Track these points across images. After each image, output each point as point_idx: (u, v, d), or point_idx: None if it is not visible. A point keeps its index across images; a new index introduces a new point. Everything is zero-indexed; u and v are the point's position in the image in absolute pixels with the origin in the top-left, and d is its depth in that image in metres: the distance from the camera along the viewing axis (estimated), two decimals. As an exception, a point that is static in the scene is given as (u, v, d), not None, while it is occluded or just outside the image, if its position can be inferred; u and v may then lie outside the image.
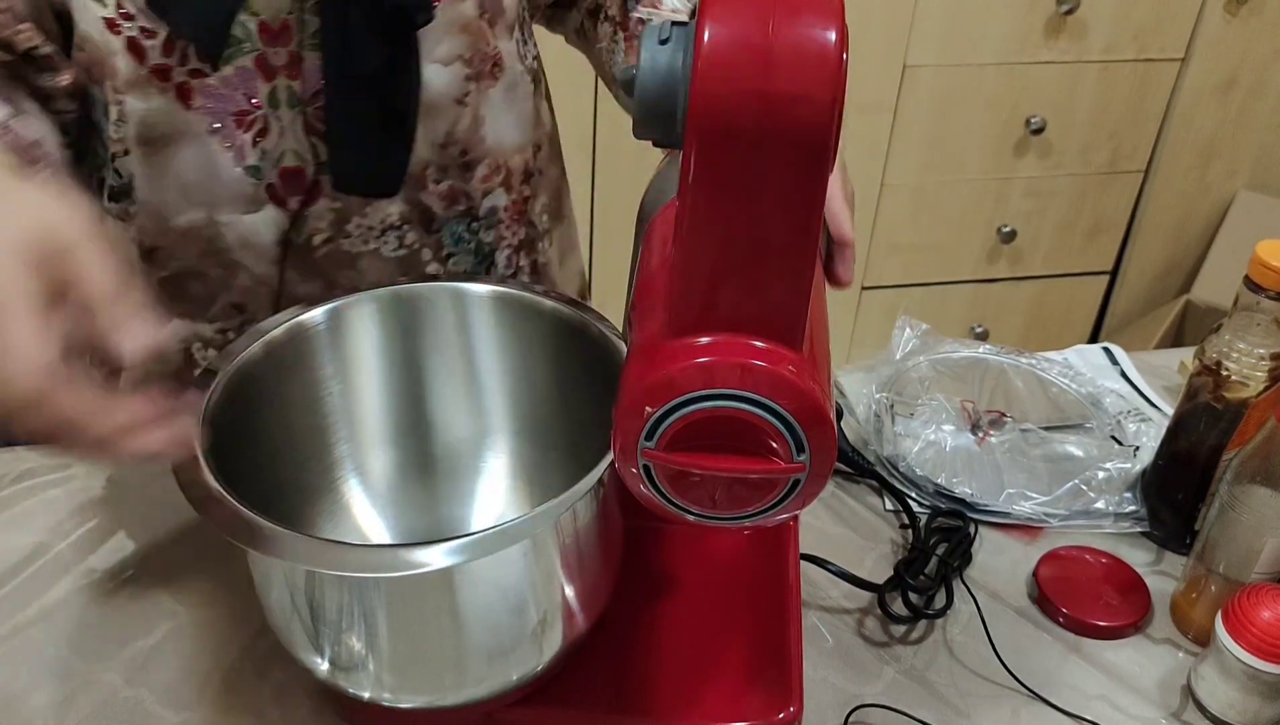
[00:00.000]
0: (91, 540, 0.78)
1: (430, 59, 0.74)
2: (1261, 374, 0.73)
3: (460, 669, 0.57)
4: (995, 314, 2.10)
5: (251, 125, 0.73)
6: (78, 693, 0.67)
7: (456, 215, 0.82)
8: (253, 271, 0.79)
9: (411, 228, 0.80)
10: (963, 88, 1.82)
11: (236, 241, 0.77)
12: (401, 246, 0.81)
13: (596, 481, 0.53)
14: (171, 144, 0.73)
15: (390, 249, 0.81)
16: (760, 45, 0.41)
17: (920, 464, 0.85)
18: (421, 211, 0.80)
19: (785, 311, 0.46)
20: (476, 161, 0.81)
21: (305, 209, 0.77)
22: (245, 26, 0.69)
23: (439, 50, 0.74)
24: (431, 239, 0.82)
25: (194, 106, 0.71)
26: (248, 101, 0.72)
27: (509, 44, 0.80)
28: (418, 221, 0.80)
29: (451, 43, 0.75)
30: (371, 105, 0.73)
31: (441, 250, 0.83)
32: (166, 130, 0.72)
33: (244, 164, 0.74)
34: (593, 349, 0.66)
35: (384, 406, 0.72)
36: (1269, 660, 0.63)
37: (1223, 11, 1.81)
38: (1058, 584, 0.76)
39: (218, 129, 0.72)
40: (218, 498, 0.53)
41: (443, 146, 0.78)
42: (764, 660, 0.66)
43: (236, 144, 0.73)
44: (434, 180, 0.79)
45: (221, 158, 0.73)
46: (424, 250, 0.82)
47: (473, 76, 0.77)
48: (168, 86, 0.70)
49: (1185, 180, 1.99)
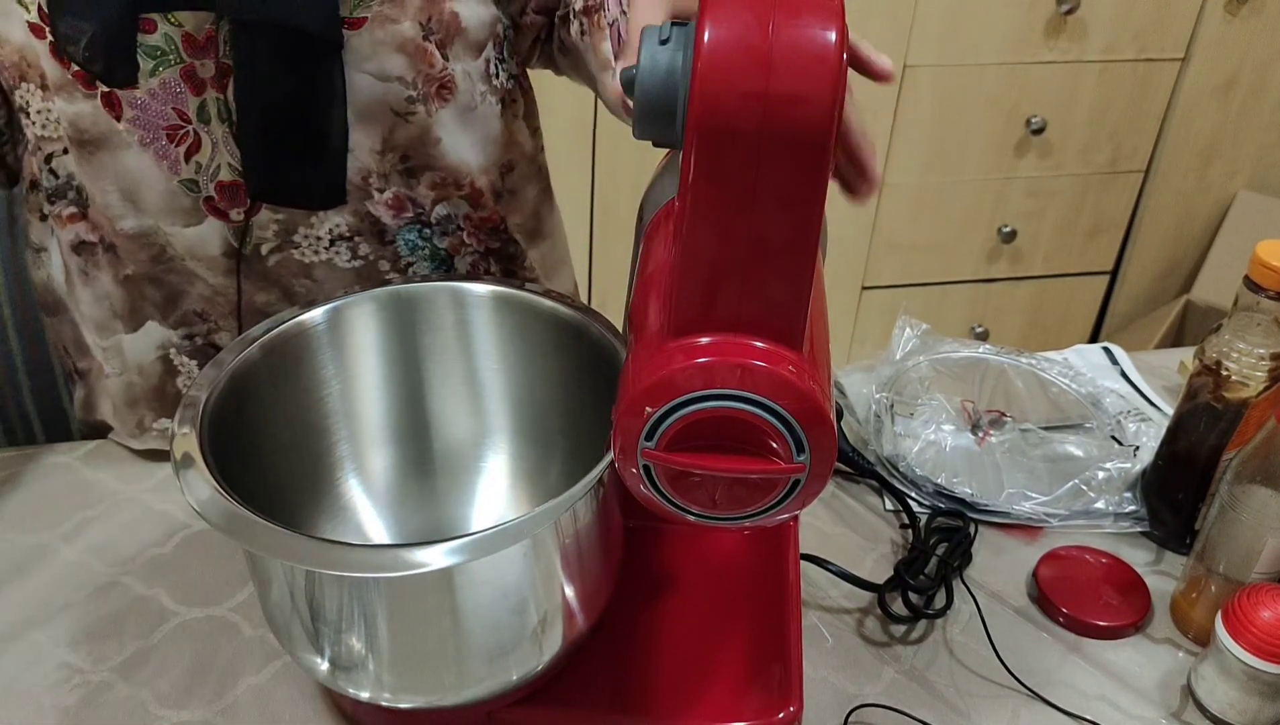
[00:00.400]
0: (91, 540, 0.78)
1: (360, 70, 0.72)
2: (1261, 374, 0.73)
3: (460, 669, 0.57)
4: (995, 314, 2.10)
5: (183, 140, 0.71)
6: (78, 693, 0.67)
7: (407, 222, 0.80)
8: (207, 281, 0.78)
9: (364, 239, 0.79)
10: (963, 88, 1.82)
11: (184, 251, 0.76)
12: (356, 257, 0.79)
13: (596, 481, 0.53)
14: (104, 149, 0.71)
15: (344, 260, 0.79)
16: (760, 45, 0.41)
17: (920, 464, 0.85)
18: (371, 222, 0.78)
19: (785, 311, 0.46)
20: (421, 169, 0.78)
21: (248, 219, 0.75)
22: (169, 38, 0.67)
23: (370, 65, 0.72)
24: (388, 250, 0.80)
25: (124, 117, 0.70)
26: (178, 116, 0.70)
27: (471, 65, 0.77)
28: (370, 232, 0.79)
29: (384, 60, 0.72)
30: (286, 126, 0.72)
31: (399, 260, 0.81)
32: (96, 135, 0.71)
33: (179, 178, 0.72)
34: (593, 349, 0.66)
35: (384, 406, 0.72)
36: (1269, 660, 0.63)
37: (1223, 11, 1.81)
38: (1058, 584, 0.76)
39: (149, 142, 0.71)
40: (218, 497, 0.53)
41: (381, 154, 0.76)
42: (764, 660, 0.66)
43: (170, 158, 0.71)
44: (377, 189, 0.77)
45: (156, 170, 0.72)
46: (381, 261, 0.80)
47: (418, 98, 0.74)
48: (93, 94, 0.69)
49: (1185, 180, 1.99)
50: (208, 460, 0.55)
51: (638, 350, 0.49)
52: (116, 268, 0.77)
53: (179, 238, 0.75)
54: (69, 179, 0.74)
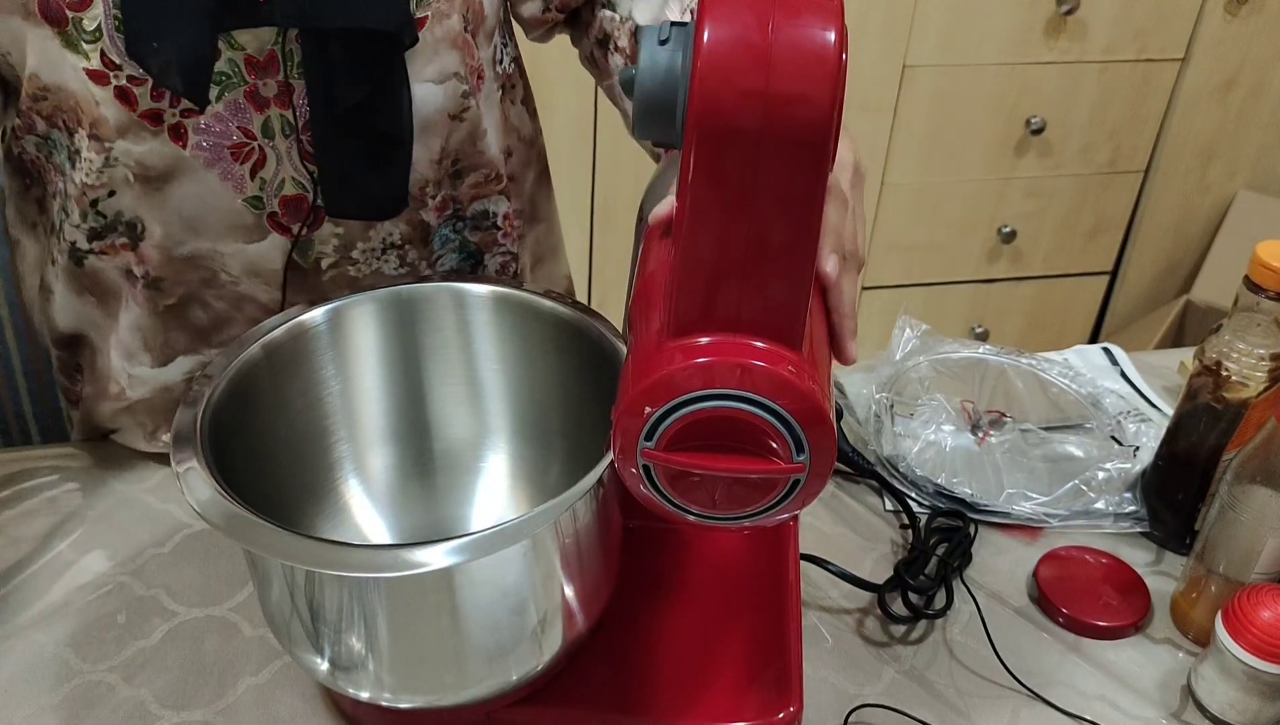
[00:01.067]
0: (91, 540, 0.78)
1: (421, 79, 0.73)
2: (1261, 374, 0.73)
3: (460, 669, 0.57)
4: (995, 314, 2.10)
5: (248, 157, 0.72)
6: (78, 693, 0.67)
7: (445, 219, 0.81)
8: (256, 299, 0.78)
9: (412, 246, 0.80)
10: (963, 88, 1.82)
11: (241, 270, 0.76)
12: (404, 265, 0.81)
13: (596, 481, 0.53)
14: (170, 181, 0.72)
15: (392, 267, 0.80)
16: (760, 45, 0.41)
17: (920, 464, 0.85)
18: (420, 228, 0.80)
19: (785, 311, 0.46)
20: (467, 170, 0.80)
21: (310, 234, 0.76)
22: (232, 62, 0.68)
23: (429, 70, 0.73)
24: (427, 250, 0.82)
25: (189, 145, 0.70)
26: (242, 134, 0.71)
27: (486, 51, 0.79)
28: (417, 239, 0.80)
29: (443, 59, 0.73)
30: (360, 134, 0.73)
31: (434, 257, 0.82)
32: (163, 169, 0.71)
33: (244, 196, 0.73)
34: (592, 349, 0.66)
35: (384, 406, 0.72)
36: (1269, 660, 0.63)
37: (1223, 11, 1.81)
38: (1058, 584, 0.76)
39: (215, 163, 0.71)
40: (218, 497, 0.53)
41: (438, 162, 0.78)
42: (764, 660, 0.66)
43: (235, 176, 0.72)
44: (431, 196, 0.79)
45: (221, 191, 0.72)
46: (421, 263, 0.82)
47: (469, 92, 0.76)
48: (160, 129, 0.69)
49: (1185, 180, 1.99)
50: (208, 460, 0.55)
51: (637, 350, 0.49)
52: (156, 301, 0.77)
53: (238, 257, 0.76)
54: (117, 216, 0.74)
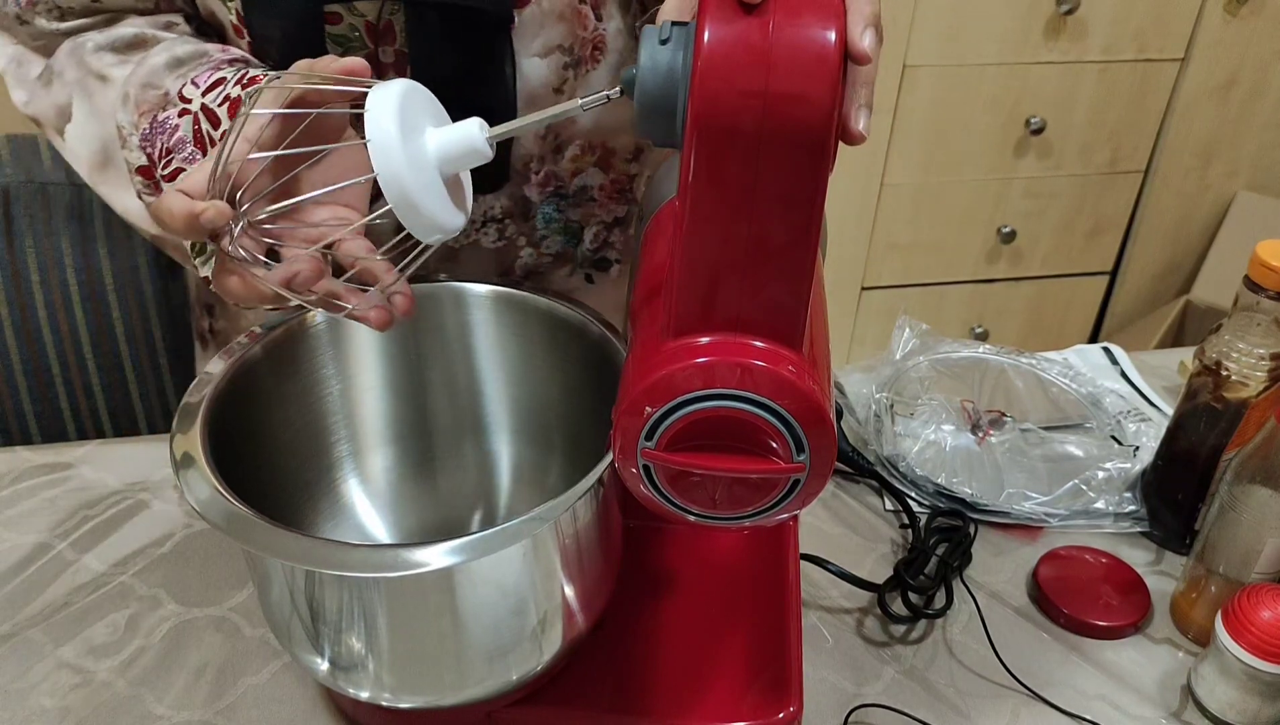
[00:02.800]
0: (91, 540, 0.78)
1: (528, 54, 0.73)
2: (1261, 374, 0.73)
3: (460, 669, 0.57)
4: (995, 314, 2.10)
5: None
6: (78, 692, 0.67)
7: (548, 196, 0.82)
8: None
9: (512, 221, 0.81)
10: (963, 88, 1.82)
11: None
12: (501, 238, 0.81)
13: (596, 481, 0.53)
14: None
15: (490, 240, 0.81)
16: (760, 45, 0.41)
17: (920, 464, 0.85)
18: (521, 202, 0.81)
19: (785, 312, 0.46)
20: (567, 143, 0.80)
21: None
22: (353, 26, 0.70)
23: (535, 44, 0.73)
24: (527, 225, 0.82)
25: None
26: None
27: (624, 22, 0.78)
28: (518, 213, 0.81)
29: (549, 33, 0.74)
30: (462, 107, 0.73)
31: (535, 234, 0.83)
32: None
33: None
34: (592, 348, 0.66)
35: (384, 406, 0.72)
36: (1269, 660, 0.63)
37: (1223, 11, 1.81)
38: (1058, 584, 0.76)
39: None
40: (218, 497, 0.53)
41: (542, 137, 0.78)
42: (764, 660, 0.66)
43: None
44: (534, 171, 0.79)
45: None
46: (519, 238, 0.82)
47: (571, 64, 0.76)
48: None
49: (1185, 180, 1.99)
50: (208, 460, 0.55)
51: (638, 350, 0.49)
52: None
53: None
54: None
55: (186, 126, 0.66)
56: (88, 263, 0.99)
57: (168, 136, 0.66)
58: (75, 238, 0.98)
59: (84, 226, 0.99)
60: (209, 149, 0.65)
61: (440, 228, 0.52)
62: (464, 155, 0.52)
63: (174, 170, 0.66)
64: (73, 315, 0.99)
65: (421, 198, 0.50)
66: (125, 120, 0.68)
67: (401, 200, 0.50)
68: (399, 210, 0.50)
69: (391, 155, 0.49)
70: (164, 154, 0.66)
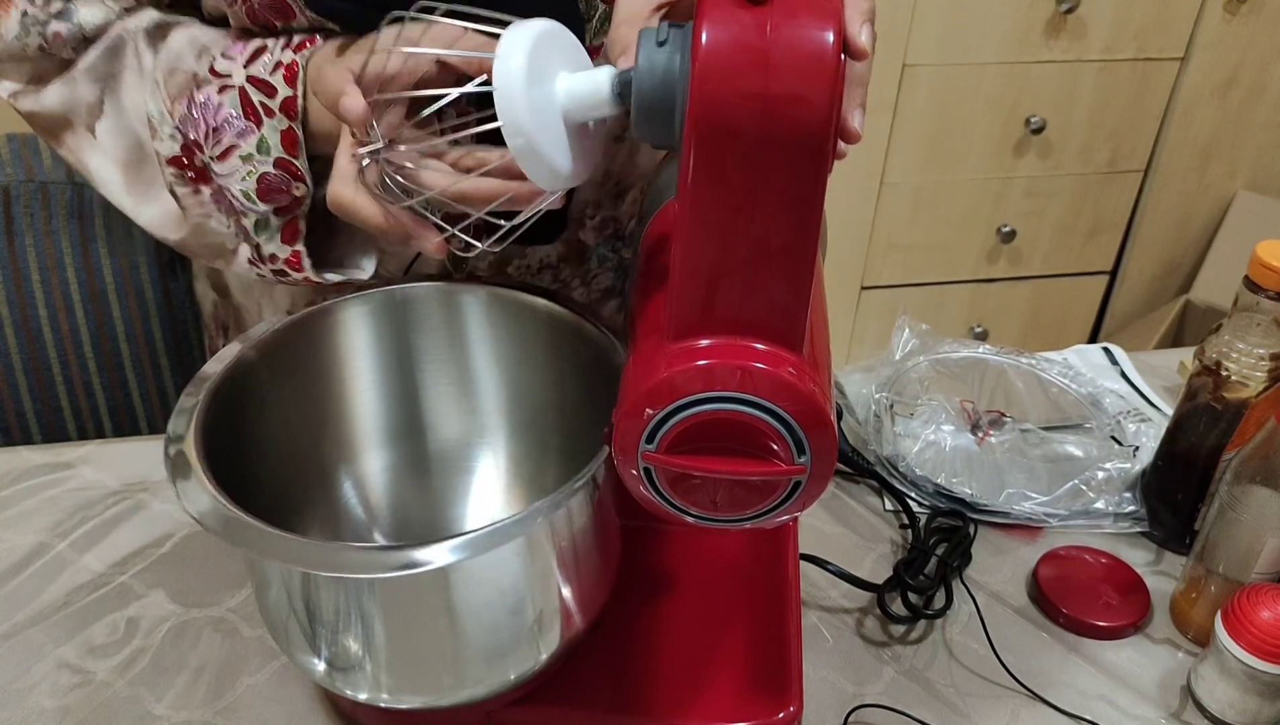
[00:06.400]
0: (91, 540, 0.78)
1: None
2: (1261, 374, 0.73)
3: (458, 669, 0.57)
4: (995, 314, 2.10)
5: None
6: (78, 692, 0.67)
7: (604, 239, 0.81)
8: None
9: (567, 264, 0.80)
10: (962, 87, 1.82)
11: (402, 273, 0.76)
12: (556, 281, 0.80)
13: (589, 479, 0.53)
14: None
15: (544, 284, 0.80)
16: (758, 46, 0.41)
17: (920, 464, 0.85)
18: (577, 246, 0.80)
19: (785, 313, 0.46)
20: (628, 189, 0.79)
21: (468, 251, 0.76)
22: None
23: None
24: (581, 268, 0.81)
25: None
26: None
27: None
28: (574, 257, 0.80)
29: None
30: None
31: (588, 275, 0.82)
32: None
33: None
34: (586, 348, 0.66)
35: (379, 407, 0.72)
36: (1269, 660, 0.63)
37: (1222, 11, 1.81)
38: (1057, 584, 0.76)
39: None
40: (213, 500, 0.53)
41: (600, 184, 0.77)
42: (764, 660, 0.66)
43: None
44: (590, 216, 0.78)
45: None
46: (574, 279, 0.81)
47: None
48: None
49: (1185, 180, 1.99)
50: (204, 462, 0.55)
51: (638, 352, 0.49)
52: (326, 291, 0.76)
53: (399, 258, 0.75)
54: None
55: (232, 100, 0.64)
56: (88, 263, 0.99)
57: (212, 115, 0.64)
58: (75, 238, 0.98)
59: (84, 226, 0.99)
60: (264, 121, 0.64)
61: (561, 177, 0.51)
62: (592, 106, 0.51)
63: (226, 147, 0.64)
64: (73, 315, 0.99)
65: (543, 145, 0.50)
66: (154, 109, 0.66)
67: (523, 147, 0.50)
68: (519, 156, 0.50)
69: (515, 102, 0.49)
70: (210, 134, 0.64)
